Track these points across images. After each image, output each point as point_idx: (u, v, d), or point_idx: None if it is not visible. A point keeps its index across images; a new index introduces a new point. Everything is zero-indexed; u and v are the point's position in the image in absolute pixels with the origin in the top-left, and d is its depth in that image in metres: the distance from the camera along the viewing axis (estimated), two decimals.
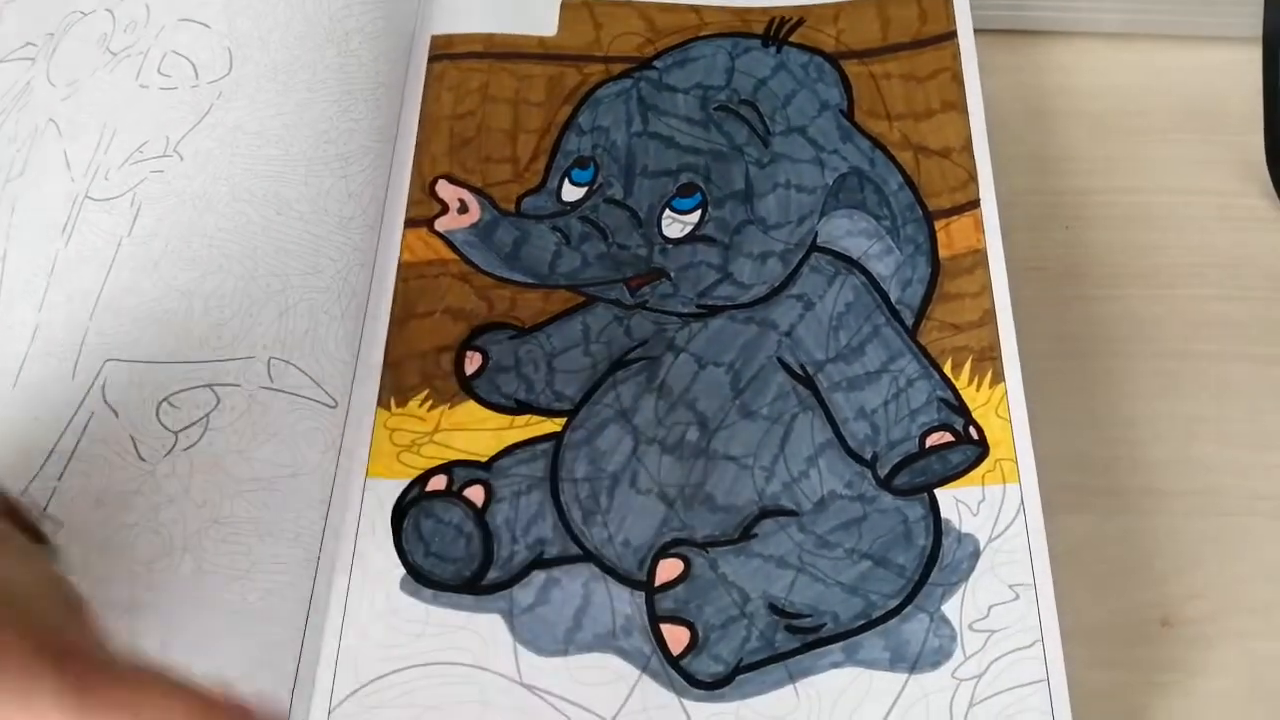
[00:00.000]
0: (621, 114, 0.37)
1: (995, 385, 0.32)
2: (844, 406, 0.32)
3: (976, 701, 0.28)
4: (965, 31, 0.38)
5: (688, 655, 0.29)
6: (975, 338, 0.33)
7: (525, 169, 0.36)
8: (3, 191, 0.36)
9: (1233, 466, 0.34)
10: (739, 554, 0.30)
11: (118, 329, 0.32)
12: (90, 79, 0.37)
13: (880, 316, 0.33)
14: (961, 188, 0.35)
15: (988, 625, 0.29)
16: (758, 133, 0.37)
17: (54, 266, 0.34)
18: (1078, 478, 0.34)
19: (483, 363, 0.33)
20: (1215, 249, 0.38)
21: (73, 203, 0.35)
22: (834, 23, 0.39)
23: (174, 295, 0.33)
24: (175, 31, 0.38)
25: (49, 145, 0.36)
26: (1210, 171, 0.39)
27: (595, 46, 0.39)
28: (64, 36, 0.39)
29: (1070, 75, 0.42)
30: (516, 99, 0.38)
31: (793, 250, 0.35)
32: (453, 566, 0.30)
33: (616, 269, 0.34)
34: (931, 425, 0.32)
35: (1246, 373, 0.35)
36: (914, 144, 0.36)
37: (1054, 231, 0.38)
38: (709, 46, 0.39)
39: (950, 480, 0.31)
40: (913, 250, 0.34)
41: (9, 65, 0.39)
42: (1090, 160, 0.40)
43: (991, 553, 0.30)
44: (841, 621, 0.29)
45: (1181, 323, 0.36)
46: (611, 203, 0.36)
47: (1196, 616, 0.32)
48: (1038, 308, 0.36)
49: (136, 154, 0.35)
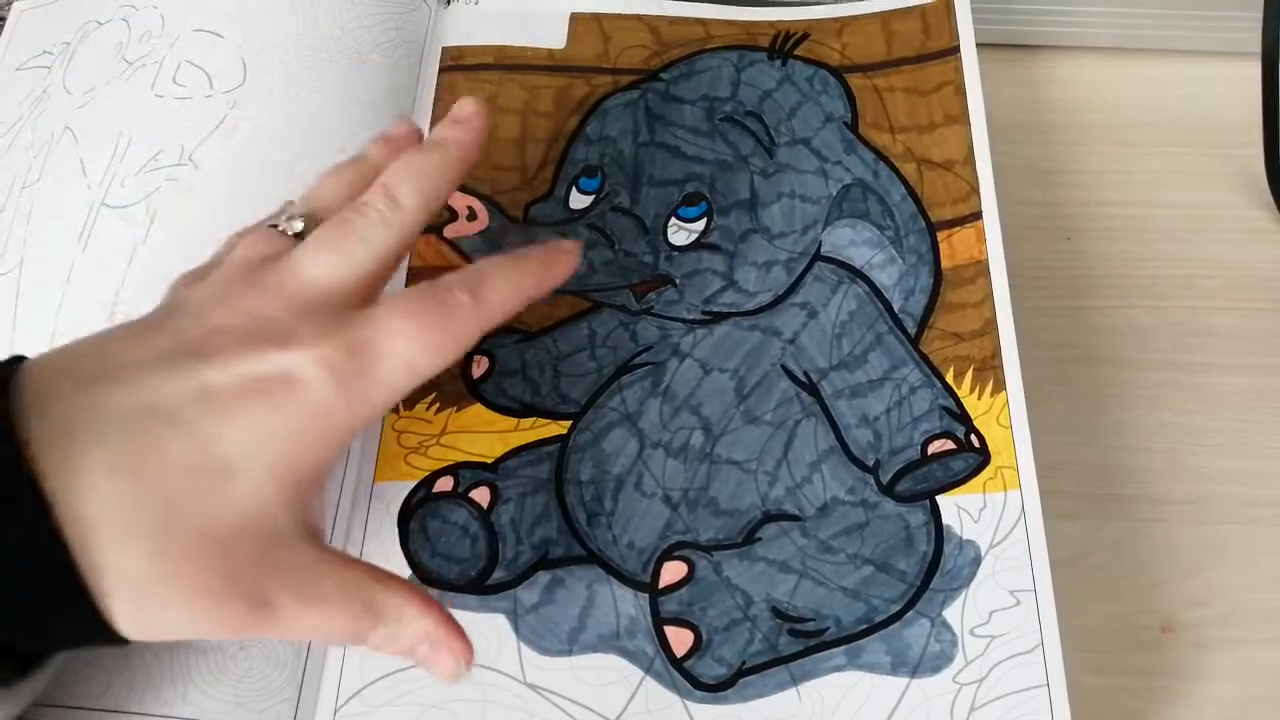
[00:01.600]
0: (628, 124, 0.38)
1: (996, 394, 0.32)
2: (847, 413, 0.32)
3: (977, 706, 0.28)
4: (968, 46, 0.38)
5: (691, 657, 0.29)
6: (977, 347, 0.33)
7: (533, 177, 0.37)
8: (20, 198, 0.36)
9: (1231, 475, 0.34)
10: (742, 558, 0.31)
11: None
12: (106, 87, 0.38)
13: (883, 325, 0.34)
14: (964, 199, 0.36)
15: (989, 630, 0.29)
16: (763, 144, 0.37)
17: (70, 273, 0.34)
18: (1078, 485, 0.34)
19: (489, 366, 0.34)
20: (1214, 260, 0.38)
21: (89, 210, 0.35)
22: (838, 37, 0.39)
23: None
24: (190, 41, 0.38)
25: (65, 153, 0.37)
26: (1209, 184, 0.40)
27: (603, 59, 0.39)
28: (80, 45, 0.39)
29: (1071, 89, 0.42)
30: (525, 109, 0.38)
31: (797, 259, 0.35)
32: (458, 566, 0.30)
33: (623, 275, 0.35)
34: (933, 433, 0.32)
35: (1245, 383, 0.36)
36: (917, 156, 0.37)
37: (1055, 242, 0.39)
38: (715, 59, 0.39)
39: (952, 487, 0.31)
40: (915, 260, 0.35)
41: (26, 74, 0.40)
42: (1091, 172, 0.40)
43: (992, 559, 0.30)
44: (844, 626, 0.30)
45: (1181, 333, 0.37)
46: (618, 211, 0.36)
47: (1195, 622, 0.32)
48: (1039, 318, 0.36)
49: (152, 162, 0.36)
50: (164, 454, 0.22)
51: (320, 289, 0.25)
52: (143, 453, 0.22)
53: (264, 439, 0.23)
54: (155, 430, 0.22)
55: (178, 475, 0.22)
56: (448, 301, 0.25)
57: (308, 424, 0.23)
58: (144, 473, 0.22)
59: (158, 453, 0.22)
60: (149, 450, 0.22)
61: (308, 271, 0.25)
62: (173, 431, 0.22)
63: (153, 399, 0.23)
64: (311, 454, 0.24)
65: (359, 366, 0.24)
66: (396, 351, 0.24)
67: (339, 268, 0.25)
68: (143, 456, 0.22)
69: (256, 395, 0.23)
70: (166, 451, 0.22)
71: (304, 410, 0.23)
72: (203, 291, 0.25)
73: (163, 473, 0.22)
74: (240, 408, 0.23)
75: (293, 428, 0.23)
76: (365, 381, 0.24)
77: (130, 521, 0.22)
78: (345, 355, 0.24)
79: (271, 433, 0.23)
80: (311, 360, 0.23)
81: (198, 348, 0.23)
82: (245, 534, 0.23)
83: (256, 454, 0.23)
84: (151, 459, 0.22)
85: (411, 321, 0.24)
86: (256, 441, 0.23)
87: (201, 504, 0.22)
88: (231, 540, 0.23)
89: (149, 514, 0.22)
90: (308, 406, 0.23)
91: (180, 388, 0.23)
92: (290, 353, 0.23)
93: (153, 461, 0.22)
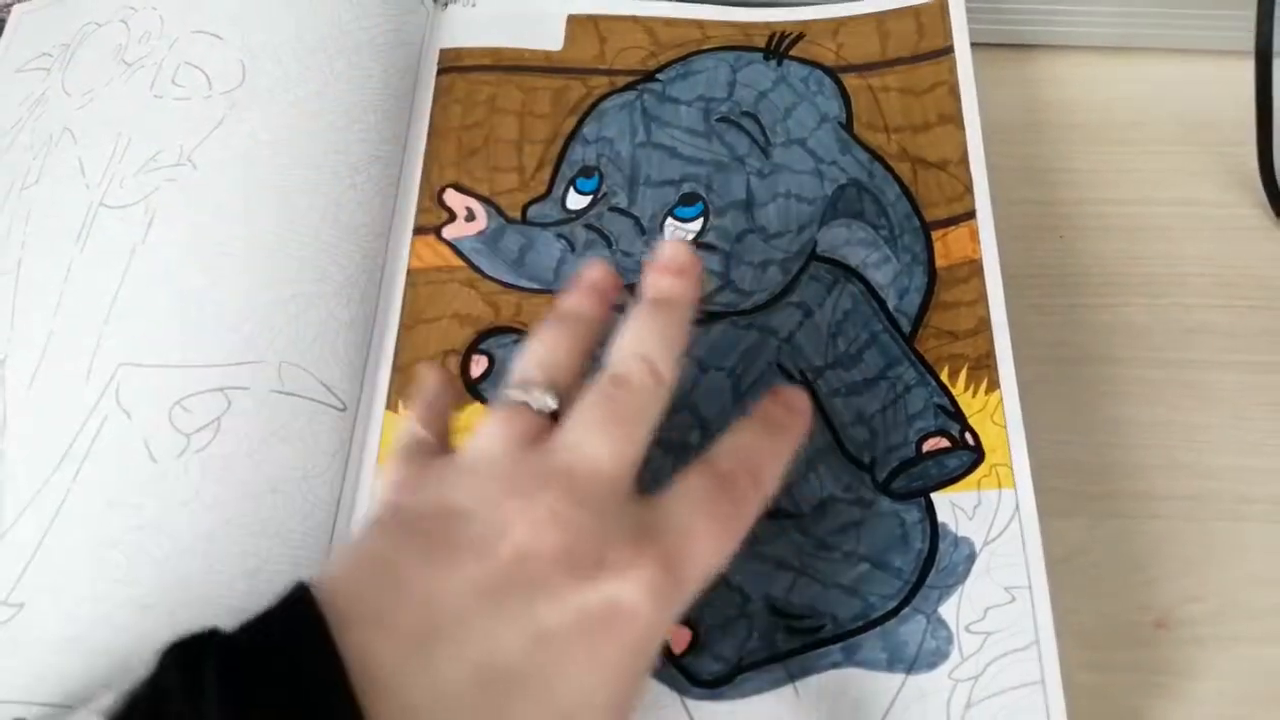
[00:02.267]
0: (625, 125, 0.38)
1: (991, 392, 0.33)
2: (842, 412, 0.33)
3: (973, 702, 0.28)
4: (962, 46, 0.38)
5: (689, 654, 0.29)
6: (971, 345, 0.33)
7: (531, 178, 0.37)
8: (19, 199, 0.36)
9: (1224, 471, 0.34)
10: (739, 555, 0.31)
11: (131, 334, 0.33)
12: (105, 89, 0.38)
13: (878, 324, 0.34)
14: (958, 199, 0.36)
15: (984, 627, 0.29)
16: (759, 144, 0.37)
17: (69, 272, 0.34)
18: (1072, 482, 0.34)
19: (489, 366, 0.34)
20: (1208, 258, 0.38)
21: (88, 210, 0.35)
22: (833, 37, 0.39)
23: (187, 301, 0.33)
24: (189, 43, 0.38)
25: (64, 153, 0.37)
26: (1203, 182, 0.40)
27: (600, 60, 0.39)
28: (79, 47, 0.39)
29: (1065, 88, 0.42)
30: (523, 110, 0.38)
31: (792, 259, 0.35)
32: None
33: (620, 275, 0.35)
34: (928, 431, 0.32)
35: (1238, 380, 0.36)
36: (912, 156, 0.37)
37: (1049, 241, 0.39)
38: (711, 60, 0.39)
39: (947, 485, 0.31)
40: (910, 259, 0.35)
41: (25, 75, 0.40)
42: (1084, 171, 0.40)
43: (987, 556, 0.30)
44: (840, 622, 0.30)
45: (1174, 331, 0.37)
46: (616, 211, 0.36)
47: (1190, 619, 0.32)
48: (1032, 316, 0.37)
49: (150, 163, 0.36)
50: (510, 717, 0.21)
51: (609, 478, 0.23)
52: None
53: (603, 678, 0.22)
54: (498, 694, 0.21)
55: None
56: (736, 494, 0.24)
57: (639, 650, 0.22)
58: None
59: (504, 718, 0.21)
60: (495, 718, 0.21)
61: (594, 461, 0.23)
62: (519, 691, 0.21)
63: (489, 655, 0.21)
64: (639, 677, 0.23)
65: (675, 580, 0.23)
66: (702, 553, 0.23)
67: (625, 455, 0.24)
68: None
69: (592, 633, 0.22)
70: (512, 715, 0.21)
71: (635, 638, 0.22)
72: (479, 489, 0.23)
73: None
74: (578, 649, 0.21)
75: (624, 658, 0.22)
76: (680, 594, 0.23)
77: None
78: (663, 572, 0.22)
79: (606, 667, 0.22)
80: (636, 585, 0.22)
81: (516, 577, 0.22)
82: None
83: (597, 692, 0.22)
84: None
85: (715, 523, 0.24)
86: (597, 681, 0.22)
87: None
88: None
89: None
90: (638, 633, 0.22)
91: (516, 635, 0.21)
92: (613, 579, 0.22)
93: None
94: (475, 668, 0.21)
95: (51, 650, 0.29)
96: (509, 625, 0.21)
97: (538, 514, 0.22)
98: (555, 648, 0.21)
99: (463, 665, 0.20)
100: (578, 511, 0.22)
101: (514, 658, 0.21)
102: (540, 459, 0.23)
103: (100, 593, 0.29)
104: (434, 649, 0.21)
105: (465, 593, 0.21)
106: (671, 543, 0.23)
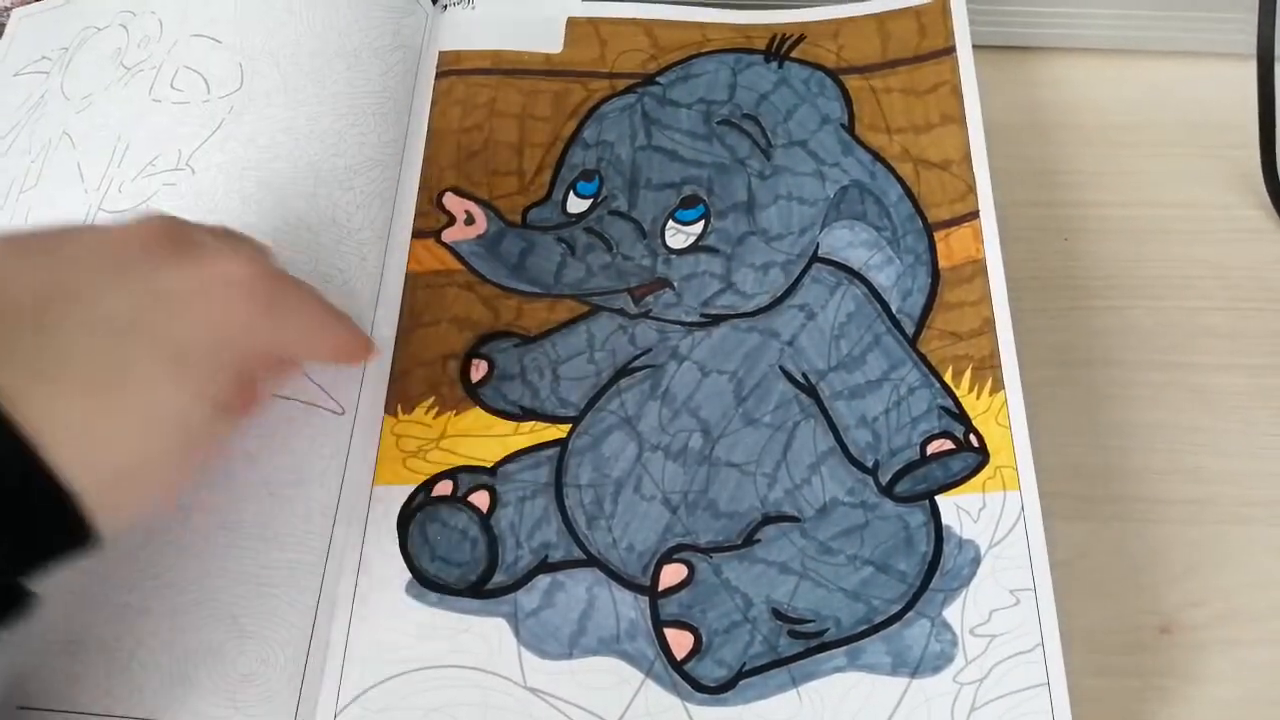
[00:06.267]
0: (626, 128, 0.38)
1: (995, 393, 0.32)
2: (846, 414, 0.32)
3: (978, 705, 0.28)
4: (964, 46, 0.38)
5: (691, 659, 0.29)
6: (975, 346, 0.33)
7: (531, 182, 0.37)
8: (17, 203, 0.36)
9: (1229, 475, 0.34)
10: (742, 559, 0.30)
11: None
12: (104, 93, 0.38)
13: (881, 326, 0.34)
14: (961, 199, 0.36)
15: (989, 630, 0.29)
16: (760, 146, 0.37)
17: None
18: (1077, 485, 0.34)
19: (488, 370, 0.34)
20: (1211, 260, 0.38)
21: (86, 214, 0.35)
22: (834, 39, 0.39)
23: None
24: (188, 47, 0.38)
25: (63, 157, 0.37)
26: (1206, 184, 0.40)
27: (600, 63, 0.39)
28: (78, 51, 0.39)
29: (1068, 90, 0.42)
30: (523, 114, 0.38)
31: (794, 261, 0.35)
32: (458, 570, 0.30)
33: (621, 279, 0.35)
34: (932, 433, 0.32)
35: (1242, 383, 0.36)
36: (914, 157, 0.37)
37: (1052, 242, 0.39)
38: (712, 62, 0.39)
39: (951, 487, 0.31)
40: (913, 261, 0.35)
41: (24, 79, 0.40)
42: (1088, 173, 0.40)
43: (992, 559, 0.30)
44: (844, 626, 0.29)
45: (1178, 333, 0.37)
46: (616, 214, 0.36)
47: (1194, 623, 0.32)
48: (1036, 317, 0.37)
49: (149, 167, 0.36)
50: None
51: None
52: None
53: (210, 327, 0.26)
54: (113, 339, 0.24)
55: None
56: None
57: (246, 313, 0.27)
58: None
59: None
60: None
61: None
62: (134, 337, 0.24)
63: (107, 312, 0.24)
64: (247, 333, 0.27)
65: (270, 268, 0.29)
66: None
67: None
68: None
69: (207, 293, 0.26)
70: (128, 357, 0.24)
71: (242, 301, 0.27)
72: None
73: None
74: (192, 304, 0.26)
75: (231, 316, 0.27)
76: (278, 279, 0.29)
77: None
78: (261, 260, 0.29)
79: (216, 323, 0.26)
80: (239, 262, 0.27)
81: (132, 253, 0.26)
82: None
83: (204, 338, 0.26)
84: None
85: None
86: (205, 330, 0.26)
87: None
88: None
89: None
90: (244, 297, 0.27)
91: (130, 295, 0.25)
92: (218, 257, 0.27)
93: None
94: (89, 325, 0.24)
95: (51, 650, 0.29)
96: (126, 289, 0.24)
97: (146, 228, 0.26)
98: (169, 302, 0.25)
99: (78, 325, 0.24)
100: (180, 224, 0.27)
101: (131, 313, 0.24)
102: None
103: (99, 594, 0.29)
104: (45, 318, 0.23)
105: (81, 269, 0.24)
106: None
